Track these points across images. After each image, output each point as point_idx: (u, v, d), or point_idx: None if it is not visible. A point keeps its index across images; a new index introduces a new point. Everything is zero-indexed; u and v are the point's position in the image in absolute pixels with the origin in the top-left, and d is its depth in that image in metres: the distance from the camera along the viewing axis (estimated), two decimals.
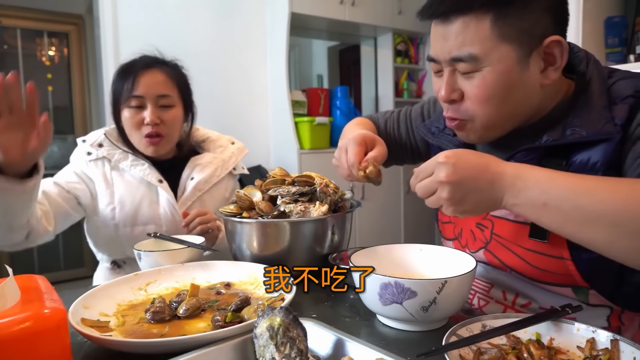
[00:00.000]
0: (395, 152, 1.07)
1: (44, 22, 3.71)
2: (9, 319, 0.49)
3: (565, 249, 0.70)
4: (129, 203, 1.24)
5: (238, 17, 3.13)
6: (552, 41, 0.67)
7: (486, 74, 0.68)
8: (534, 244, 0.73)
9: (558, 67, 0.70)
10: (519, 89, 0.69)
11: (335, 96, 3.31)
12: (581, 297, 0.74)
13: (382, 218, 3.32)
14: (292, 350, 0.51)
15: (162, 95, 1.24)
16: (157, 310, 0.71)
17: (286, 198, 0.92)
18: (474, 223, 0.83)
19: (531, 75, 0.69)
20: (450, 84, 0.72)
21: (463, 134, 0.78)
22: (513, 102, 0.70)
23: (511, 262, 0.77)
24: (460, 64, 0.70)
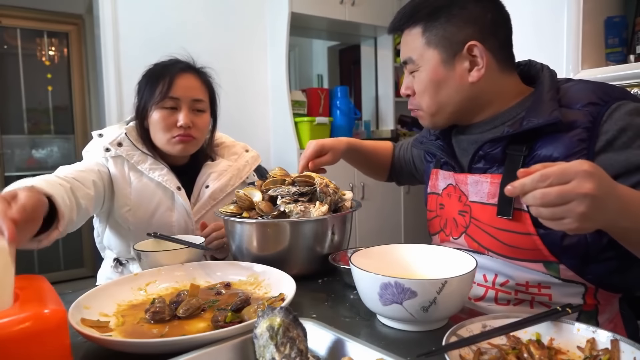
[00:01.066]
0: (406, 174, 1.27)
1: (44, 22, 3.71)
2: (9, 319, 0.49)
3: (530, 226, 0.78)
4: (144, 207, 1.22)
5: (238, 17, 3.13)
6: (470, 45, 0.82)
7: (421, 73, 0.88)
8: (504, 223, 0.81)
9: (481, 67, 0.83)
10: (447, 84, 0.86)
11: (335, 96, 3.31)
12: (552, 272, 0.80)
13: (382, 218, 3.32)
14: (292, 351, 0.51)
15: (197, 100, 1.24)
16: (157, 311, 0.71)
17: (286, 198, 0.92)
18: (457, 211, 0.92)
19: (457, 74, 0.85)
20: (406, 82, 0.93)
21: (421, 121, 0.94)
22: (445, 94, 0.87)
23: (487, 243, 0.85)
24: (408, 65, 0.90)
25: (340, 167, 2.24)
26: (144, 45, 2.82)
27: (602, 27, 1.82)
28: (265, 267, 0.85)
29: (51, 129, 3.81)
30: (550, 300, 0.81)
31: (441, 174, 0.98)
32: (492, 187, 0.84)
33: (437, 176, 1.00)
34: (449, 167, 0.96)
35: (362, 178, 3.14)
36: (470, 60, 0.84)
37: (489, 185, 0.84)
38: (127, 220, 1.21)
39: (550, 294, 0.81)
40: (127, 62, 2.77)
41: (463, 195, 0.90)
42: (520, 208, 0.79)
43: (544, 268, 0.80)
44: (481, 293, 0.88)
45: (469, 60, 0.84)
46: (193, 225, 1.24)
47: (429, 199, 1.03)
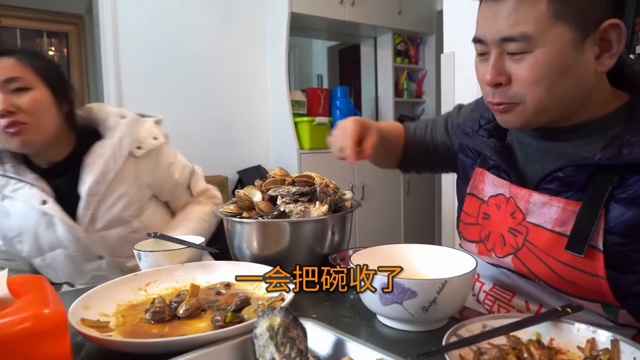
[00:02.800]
0: (423, 160, 1.10)
1: (43, 22, 3.71)
2: (9, 319, 0.49)
3: (601, 267, 0.67)
4: (26, 233, 1.10)
5: (238, 17, 3.13)
6: (609, 25, 0.65)
7: (539, 55, 0.66)
8: (569, 258, 0.69)
9: (614, 54, 0.67)
10: (573, 73, 0.67)
11: (335, 96, 3.31)
12: (610, 315, 0.71)
13: (382, 218, 3.33)
14: (292, 351, 0.51)
15: (10, 79, 1.03)
16: (157, 311, 0.71)
17: (286, 198, 0.92)
18: (507, 227, 0.78)
19: (586, 60, 0.67)
20: (497, 67, 0.69)
21: (508, 117, 0.73)
22: (565, 86, 0.68)
23: (540, 271, 0.73)
24: (511, 44, 0.67)
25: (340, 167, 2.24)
26: (143, 45, 2.83)
27: None
28: (265, 267, 0.85)
29: None
30: None
31: (489, 178, 0.82)
32: (564, 214, 0.69)
33: (482, 178, 0.84)
34: (501, 173, 0.80)
35: (362, 178, 3.14)
36: (600, 45, 0.67)
37: (560, 210, 0.70)
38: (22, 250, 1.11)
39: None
40: (126, 62, 2.77)
41: (519, 213, 0.76)
42: (595, 246, 0.67)
43: (601, 310, 0.71)
44: None
45: (596, 42, 0.66)
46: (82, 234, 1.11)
47: (468, 200, 0.88)
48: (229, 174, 3.11)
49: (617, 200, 0.66)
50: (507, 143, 0.83)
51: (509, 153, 0.81)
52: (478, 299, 0.88)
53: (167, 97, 2.91)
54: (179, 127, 2.96)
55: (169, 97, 2.92)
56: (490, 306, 0.85)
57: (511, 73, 0.69)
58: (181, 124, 2.96)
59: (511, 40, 0.66)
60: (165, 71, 2.90)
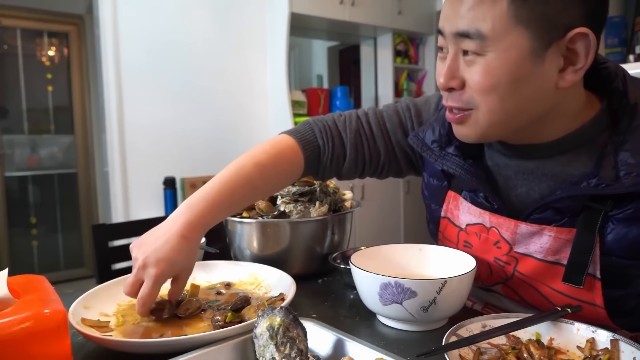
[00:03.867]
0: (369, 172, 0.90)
1: (44, 22, 3.71)
2: (9, 319, 0.49)
3: (599, 296, 0.63)
4: None
5: (238, 17, 3.13)
6: (577, 34, 0.57)
7: (491, 61, 0.58)
8: (564, 287, 0.65)
9: (579, 69, 0.59)
10: (529, 85, 0.60)
11: (335, 96, 3.31)
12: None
13: (382, 218, 3.32)
14: (292, 350, 0.51)
15: None
16: (156, 308, 0.71)
17: (286, 198, 0.92)
18: (492, 257, 0.72)
19: (546, 73, 0.59)
20: (451, 69, 0.62)
21: (463, 130, 0.66)
22: (520, 99, 0.60)
23: (533, 300, 0.70)
24: (466, 41, 0.59)
25: None
26: (143, 45, 2.83)
27: None
28: (265, 267, 0.85)
29: (51, 129, 3.81)
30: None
31: (464, 206, 0.74)
32: (556, 242, 0.65)
33: (457, 204, 0.76)
34: (477, 199, 0.72)
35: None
36: (565, 57, 0.59)
37: (551, 240, 0.65)
38: None
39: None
40: (126, 62, 2.77)
41: (504, 243, 0.70)
42: (593, 274, 0.63)
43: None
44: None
45: (563, 55, 0.59)
46: None
47: (444, 224, 0.80)
48: None
49: (614, 222, 0.61)
50: (484, 163, 0.74)
51: (488, 176, 0.72)
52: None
53: (167, 97, 2.91)
54: (179, 127, 2.96)
55: (169, 97, 2.92)
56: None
57: (464, 77, 0.62)
58: (181, 124, 2.97)
59: (466, 37, 0.59)
60: (165, 71, 2.90)
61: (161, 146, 2.90)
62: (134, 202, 2.84)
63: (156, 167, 2.87)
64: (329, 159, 0.84)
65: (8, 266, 0.71)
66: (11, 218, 3.64)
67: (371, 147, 0.86)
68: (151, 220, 1.53)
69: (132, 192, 2.83)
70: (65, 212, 3.86)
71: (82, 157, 3.89)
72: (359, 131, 0.85)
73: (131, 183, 2.82)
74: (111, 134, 2.76)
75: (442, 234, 0.82)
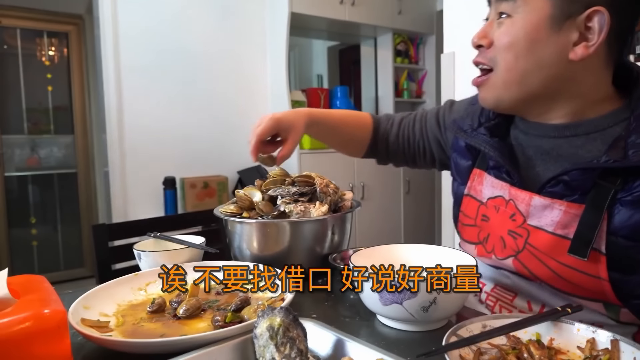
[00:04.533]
0: (407, 154, 1.07)
1: (43, 22, 3.71)
2: (9, 319, 0.49)
3: (603, 270, 0.67)
4: None
5: (238, 17, 3.13)
6: (594, 11, 0.64)
7: (516, 20, 0.68)
8: (571, 260, 0.69)
9: (591, 45, 0.66)
10: (542, 49, 0.68)
11: (335, 96, 3.31)
12: (612, 314, 0.71)
13: (382, 218, 3.33)
14: (292, 351, 0.51)
15: None
16: (156, 309, 0.71)
17: (286, 198, 0.92)
18: (506, 230, 0.77)
19: (559, 41, 0.67)
20: (484, 30, 0.73)
21: (483, 93, 0.77)
22: (533, 60, 0.69)
23: (542, 273, 0.73)
24: (503, 3, 0.70)
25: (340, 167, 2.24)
26: (143, 45, 2.83)
27: None
28: (265, 267, 0.85)
29: (51, 129, 3.81)
30: None
31: (488, 180, 0.81)
32: (566, 217, 0.69)
33: (481, 180, 0.83)
34: (502, 174, 0.78)
35: (362, 178, 3.14)
36: (581, 33, 0.66)
37: (562, 213, 0.69)
38: None
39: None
40: (126, 62, 2.77)
41: (519, 215, 0.75)
42: (598, 249, 0.67)
43: (603, 308, 0.71)
44: None
45: (579, 31, 0.66)
46: None
47: (466, 201, 0.87)
48: (229, 174, 3.11)
49: (622, 204, 0.65)
50: (509, 142, 0.81)
51: (511, 153, 0.79)
52: (480, 299, 0.88)
53: (167, 97, 2.91)
54: (179, 127, 2.96)
55: (169, 97, 2.92)
56: (492, 306, 0.85)
57: (493, 37, 0.72)
58: (181, 124, 2.97)
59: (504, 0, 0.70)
60: (166, 71, 2.90)
61: (161, 146, 2.90)
62: (134, 202, 2.84)
63: (156, 167, 2.87)
64: (384, 130, 1.07)
65: (8, 266, 0.71)
66: (11, 218, 3.64)
67: (410, 127, 1.06)
68: (151, 220, 1.53)
69: (132, 192, 2.83)
70: (65, 212, 3.86)
71: (82, 157, 3.89)
72: (406, 117, 1.08)
73: (131, 183, 2.82)
74: (111, 134, 2.76)
75: (462, 213, 0.88)
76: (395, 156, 1.09)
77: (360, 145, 1.08)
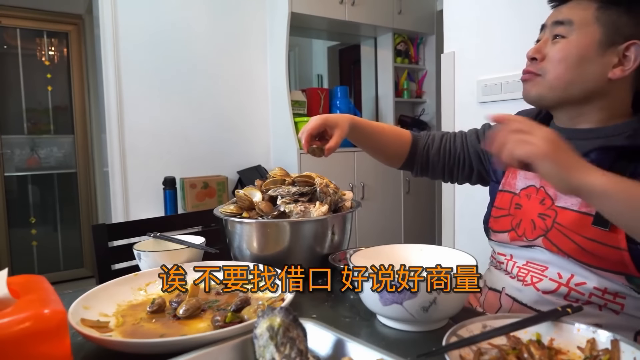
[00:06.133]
0: (446, 166, 1.15)
1: (43, 22, 3.71)
2: (9, 319, 0.49)
3: (623, 240, 0.76)
4: None
5: (238, 17, 3.13)
6: (632, 43, 0.80)
7: (570, 40, 0.83)
8: (594, 233, 0.79)
9: (627, 69, 0.81)
10: (589, 65, 0.82)
11: (335, 96, 3.31)
12: (634, 286, 0.79)
13: (382, 218, 3.32)
14: (292, 351, 0.51)
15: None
16: (157, 309, 0.71)
17: (286, 198, 0.92)
18: (536, 213, 0.89)
19: (603, 62, 0.82)
20: (540, 46, 0.87)
21: (527, 86, 0.89)
22: (580, 72, 0.83)
23: (568, 248, 0.82)
24: (559, 27, 0.84)
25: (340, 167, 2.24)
26: (143, 45, 2.83)
27: None
28: (265, 267, 0.85)
29: (51, 129, 3.81)
30: (622, 309, 0.80)
31: (521, 173, 0.95)
32: None
33: (515, 174, 0.97)
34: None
35: (362, 178, 3.14)
36: (620, 59, 0.82)
37: None
38: None
39: (623, 304, 0.80)
40: (126, 62, 2.77)
41: (548, 199, 0.87)
42: None
43: (625, 280, 0.79)
44: (552, 287, 0.85)
45: (619, 56, 0.82)
46: None
47: (500, 197, 0.99)
48: (229, 174, 3.11)
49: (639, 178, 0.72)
50: None
51: None
52: (511, 275, 0.92)
53: (167, 97, 2.91)
54: (179, 127, 2.96)
55: (169, 97, 2.92)
56: (523, 277, 0.90)
57: (547, 53, 0.86)
58: (181, 124, 2.97)
59: (561, 24, 0.84)
60: (166, 71, 2.90)
61: (161, 146, 2.90)
62: (134, 202, 2.83)
63: (156, 167, 2.87)
64: (425, 144, 1.16)
65: (8, 266, 0.71)
66: (11, 218, 3.64)
67: (451, 142, 1.15)
68: (151, 220, 1.53)
69: (132, 192, 2.83)
70: (65, 212, 3.86)
71: (82, 157, 3.89)
72: (446, 134, 1.18)
73: (131, 183, 2.82)
74: (111, 134, 2.76)
75: (495, 208, 1.00)
76: (435, 169, 1.16)
77: (397, 156, 1.17)
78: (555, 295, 0.85)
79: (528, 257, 0.91)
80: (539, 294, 0.86)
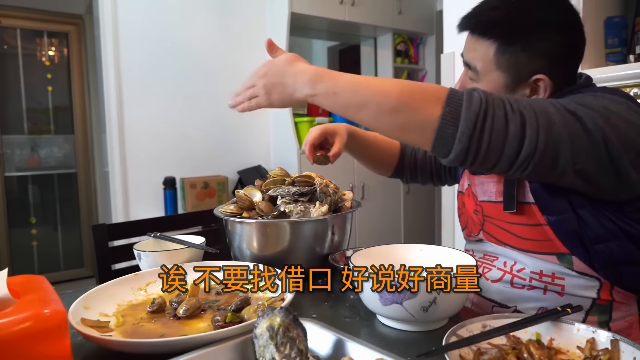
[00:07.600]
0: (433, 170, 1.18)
1: (43, 22, 3.71)
2: (9, 319, 0.49)
3: (540, 216, 0.81)
4: None
5: (238, 17, 3.13)
6: (537, 78, 0.82)
7: (481, 86, 0.84)
8: (513, 217, 0.84)
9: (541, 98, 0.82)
10: None
11: None
12: (566, 264, 0.81)
13: (382, 218, 3.32)
14: (292, 351, 0.51)
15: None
16: (157, 309, 0.71)
17: (286, 198, 0.92)
18: (472, 210, 0.95)
19: (518, 96, 0.81)
20: (463, 81, 0.90)
21: None
22: None
23: (503, 237, 0.88)
24: (469, 69, 0.87)
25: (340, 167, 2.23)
26: (143, 45, 2.83)
27: (602, 27, 1.82)
28: (265, 267, 0.85)
29: (51, 129, 3.81)
30: (563, 290, 0.82)
31: (466, 175, 1.01)
32: (499, 185, 0.87)
33: (464, 176, 1.03)
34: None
35: (362, 178, 3.14)
36: (532, 88, 0.83)
37: (495, 184, 0.88)
38: None
39: (563, 284, 0.83)
40: (126, 62, 2.77)
41: (474, 196, 0.94)
42: (525, 201, 0.82)
43: (557, 260, 0.82)
44: (498, 276, 0.90)
45: (530, 87, 0.83)
46: None
47: (458, 197, 1.06)
48: (229, 174, 3.11)
49: None
50: None
51: None
52: None
53: (167, 97, 2.91)
54: (179, 127, 2.96)
55: (169, 97, 2.92)
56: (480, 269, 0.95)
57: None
58: (181, 124, 2.97)
59: (468, 67, 0.87)
60: (166, 71, 2.90)
61: (161, 146, 2.90)
62: (134, 202, 2.83)
63: (156, 167, 2.87)
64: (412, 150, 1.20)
65: (8, 266, 0.71)
66: (11, 218, 3.64)
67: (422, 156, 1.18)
68: (151, 220, 1.53)
69: (132, 192, 2.83)
70: (65, 212, 3.86)
71: (82, 157, 3.89)
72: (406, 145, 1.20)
73: (131, 183, 2.82)
74: (111, 134, 2.76)
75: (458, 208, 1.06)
76: (423, 173, 1.19)
77: (388, 164, 1.20)
78: (502, 283, 0.89)
79: (483, 251, 0.96)
80: (488, 283, 0.91)
